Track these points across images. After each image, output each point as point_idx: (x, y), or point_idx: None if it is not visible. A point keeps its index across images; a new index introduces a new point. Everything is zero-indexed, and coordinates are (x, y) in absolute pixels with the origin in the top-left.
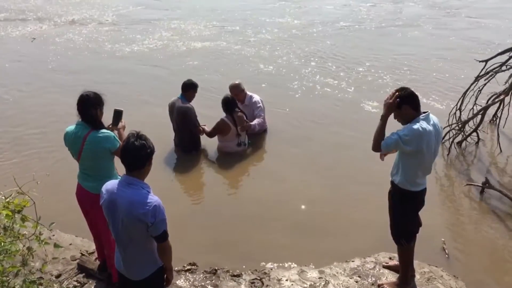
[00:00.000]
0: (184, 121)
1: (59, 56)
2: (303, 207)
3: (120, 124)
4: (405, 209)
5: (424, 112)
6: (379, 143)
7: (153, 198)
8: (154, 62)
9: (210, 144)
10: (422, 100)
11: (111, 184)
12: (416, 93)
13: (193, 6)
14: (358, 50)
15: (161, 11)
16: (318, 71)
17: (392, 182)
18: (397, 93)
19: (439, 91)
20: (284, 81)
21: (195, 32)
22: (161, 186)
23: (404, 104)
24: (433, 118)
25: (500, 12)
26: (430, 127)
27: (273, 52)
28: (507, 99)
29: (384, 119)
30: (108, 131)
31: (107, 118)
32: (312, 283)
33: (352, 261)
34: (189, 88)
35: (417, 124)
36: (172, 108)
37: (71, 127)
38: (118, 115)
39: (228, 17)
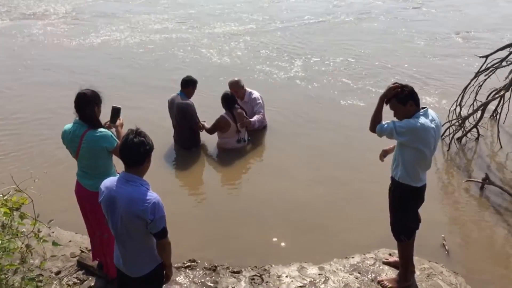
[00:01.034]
0: (184, 117)
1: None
2: (303, 203)
3: (118, 122)
4: (405, 205)
5: (423, 108)
6: (375, 125)
7: (152, 195)
8: (114, 55)
9: (209, 140)
10: (422, 96)
11: (110, 181)
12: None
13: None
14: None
15: (123, 4)
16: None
17: (393, 178)
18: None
19: (439, 86)
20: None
21: (155, 25)
22: (161, 183)
23: (410, 100)
24: (432, 113)
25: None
26: (429, 123)
27: (235, 45)
28: (507, 94)
29: (381, 100)
30: (106, 130)
31: (105, 116)
32: (312, 279)
33: (352, 258)
34: (188, 85)
35: (416, 119)
36: (171, 104)
37: (69, 126)
38: (115, 112)
39: (197, 11)
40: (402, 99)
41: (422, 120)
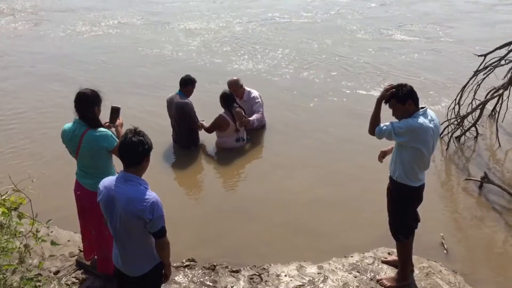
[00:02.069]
0: (182, 116)
1: None
2: (302, 202)
3: (118, 122)
4: (403, 205)
5: (422, 107)
6: (374, 127)
7: (151, 195)
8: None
9: (208, 139)
10: (421, 95)
11: (108, 181)
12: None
13: None
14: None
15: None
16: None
17: (391, 178)
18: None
19: (438, 85)
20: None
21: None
22: (160, 182)
23: (409, 99)
24: (431, 113)
25: None
26: (428, 123)
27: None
28: (506, 93)
29: (379, 102)
30: (106, 130)
31: (105, 116)
32: (311, 278)
33: (351, 257)
34: (187, 84)
35: (414, 119)
36: (170, 104)
37: (68, 125)
38: (115, 112)
39: (164, 9)
40: (401, 98)
41: (421, 120)
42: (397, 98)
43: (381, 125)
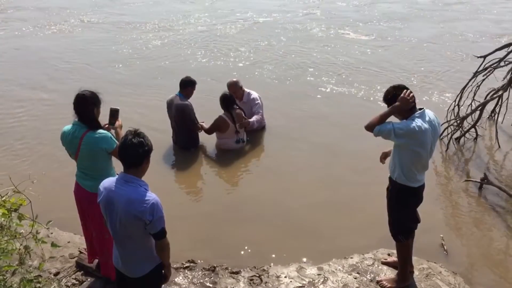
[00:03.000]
0: (182, 118)
1: None
2: (301, 204)
3: (117, 123)
4: (403, 205)
5: (420, 109)
6: (374, 126)
7: (151, 196)
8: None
9: (208, 141)
10: (421, 96)
11: (108, 182)
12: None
13: None
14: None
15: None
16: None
17: (390, 178)
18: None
19: (437, 86)
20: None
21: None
22: (160, 183)
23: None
24: (429, 114)
25: None
26: (425, 125)
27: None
28: (505, 94)
29: (394, 110)
30: (105, 131)
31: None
32: (311, 279)
33: (351, 258)
34: (187, 85)
35: (413, 121)
36: (170, 105)
37: (68, 127)
38: (114, 114)
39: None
40: (389, 101)
41: (419, 122)
42: (385, 102)
43: (381, 125)
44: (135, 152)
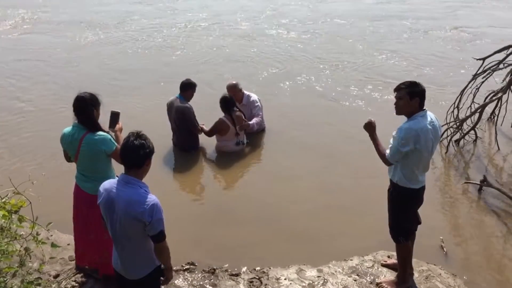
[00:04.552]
0: (183, 120)
1: None
2: (301, 206)
3: (117, 126)
4: (404, 207)
5: (422, 110)
6: (385, 157)
7: (151, 197)
8: None
9: (208, 143)
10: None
11: (109, 183)
12: None
13: None
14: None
15: None
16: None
17: (391, 180)
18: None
19: (437, 88)
20: None
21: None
22: (160, 185)
23: (416, 96)
24: (431, 115)
25: None
26: (427, 125)
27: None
28: (504, 97)
29: (372, 138)
30: (105, 133)
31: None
32: (311, 282)
33: (351, 260)
34: (187, 88)
35: (412, 123)
36: (170, 107)
37: (68, 129)
38: (114, 117)
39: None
40: (413, 92)
41: (421, 123)
42: (409, 90)
43: (387, 151)
44: (136, 153)
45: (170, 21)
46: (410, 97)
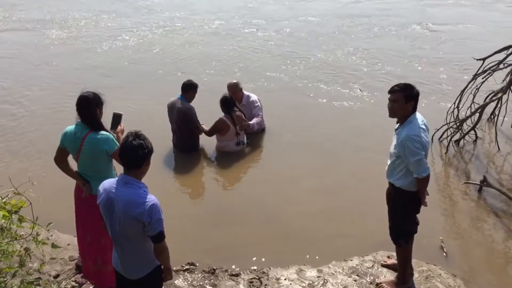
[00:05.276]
0: (185, 121)
1: None
2: (301, 206)
3: (119, 128)
4: (406, 210)
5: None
6: (423, 177)
7: (150, 198)
8: None
9: (208, 144)
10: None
11: (108, 183)
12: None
13: None
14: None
15: None
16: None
17: (393, 185)
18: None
19: (437, 89)
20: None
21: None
22: (160, 185)
23: (412, 100)
24: (419, 116)
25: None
26: (423, 127)
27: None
28: (504, 97)
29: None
30: (107, 133)
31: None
32: (311, 282)
33: (351, 260)
34: (189, 89)
35: (414, 129)
36: (171, 109)
37: (71, 127)
38: (117, 118)
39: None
40: (409, 96)
41: (416, 127)
42: (405, 94)
43: (416, 168)
44: (135, 154)
45: (144, 20)
46: (406, 100)
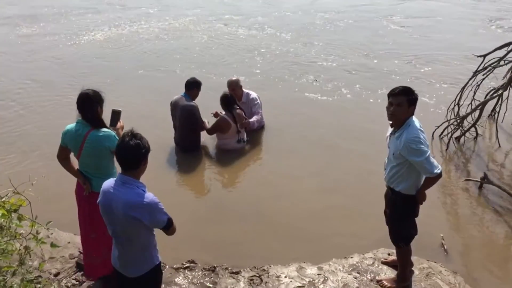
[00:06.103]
0: (188, 119)
1: None
2: (302, 203)
3: (119, 124)
4: (409, 214)
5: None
6: (433, 176)
7: (148, 197)
8: None
9: (210, 142)
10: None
11: (108, 183)
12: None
13: None
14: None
15: None
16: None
17: (393, 189)
18: None
19: (437, 86)
20: None
21: None
22: (160, 183)
23: (413, 104)
24: (416, 119)
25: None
26: (420, 128)
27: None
28: (505, 93)
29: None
30: (109, 130)
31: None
32: (311, 279)
33: (351, 257)
34: (193, 86)
35: (414, 131)
36: (175, 106)
37: (72, 125)
38: (116, 115)
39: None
40: (412, 100)
41: (415, 128)
42: (408, 98)
43: (427, 167)
44: (132, 154)
45: (116, 17)
46: (409, 104)
